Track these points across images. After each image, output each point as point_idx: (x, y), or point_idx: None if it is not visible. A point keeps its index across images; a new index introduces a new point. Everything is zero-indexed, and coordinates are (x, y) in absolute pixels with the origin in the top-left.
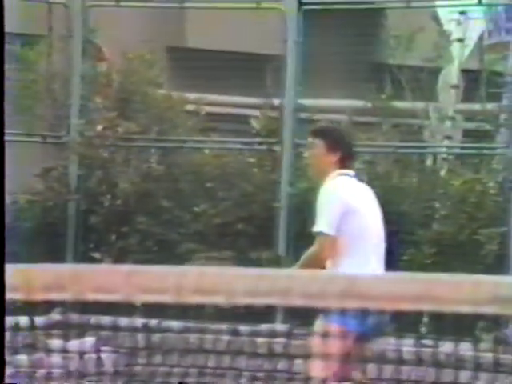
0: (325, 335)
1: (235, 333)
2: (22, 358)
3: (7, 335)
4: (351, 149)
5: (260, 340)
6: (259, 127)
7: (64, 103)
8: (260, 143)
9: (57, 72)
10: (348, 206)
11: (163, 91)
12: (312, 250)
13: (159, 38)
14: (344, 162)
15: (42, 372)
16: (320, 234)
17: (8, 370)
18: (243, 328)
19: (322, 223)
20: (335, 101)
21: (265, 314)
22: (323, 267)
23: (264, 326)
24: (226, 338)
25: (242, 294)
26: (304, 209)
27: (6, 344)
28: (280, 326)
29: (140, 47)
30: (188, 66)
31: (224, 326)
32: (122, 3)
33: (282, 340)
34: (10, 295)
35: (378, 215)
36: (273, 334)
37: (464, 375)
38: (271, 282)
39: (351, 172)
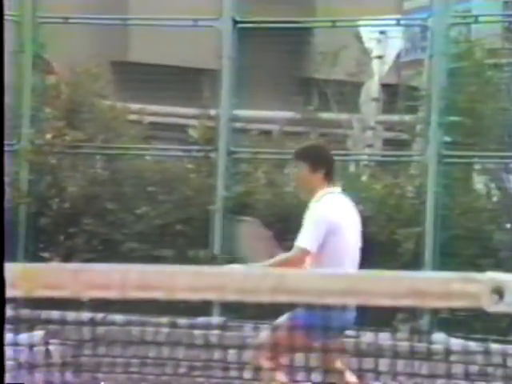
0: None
1: (174, 325)
2: None
3: None
4: (333, 164)
5: (197, 332)
6: (197, 136)
7: (15, 113)
8: (197, 150)
9: (9, 84)
10: (332, 225)
11: (108, 102)
12: (288, 256)
13: (104, 53)
14: (328, 178)
15: None
16: (302, 249)
17: None
18: (181, 321)
19: (306, 239)
20: (267, 112)
21: (202, 308)
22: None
23: (201, 319)
24: (165, 330)
25: (181, 290)
26: (238, 211)
27: None
28: (216, 319)
29: (86, 61)
30: (131, 78)
31: (164, 320)
32: (70, 20)
33: (217, 332)
34: None
35: (358, 230)
36: (209, 327)
37: (383, 362)
38: (208, 278)
39: (337, 189)
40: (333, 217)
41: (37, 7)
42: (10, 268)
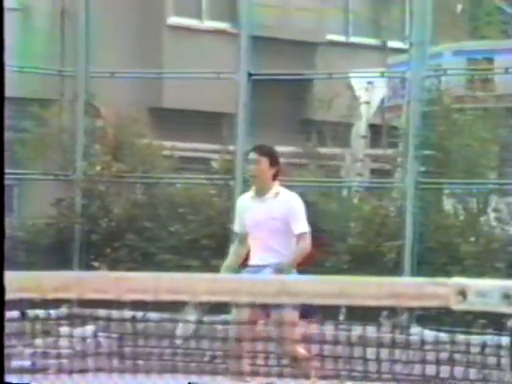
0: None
1: (200, 322)
2: (39, 341)
3: (28, 325)
4: (281, 165)
5: (218, 327)
6: (218, 167)
7: (71, 150)
8: (219, 179)
9: (65, 126)
10: None
11: (146, 141)
12: (305, 243)
13: (143, 101)
14: (278, 176)
15: (53, 352)
16: (305, 233)
17: (28, 351)
18: (205, 319)
19: (305, 224)
20: (277, 147)
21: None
22: (310, 258)
23: (221, 317)
24: (192, 325)
25: (202, 293)
26: None
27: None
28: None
29: (128, 108)
30: (164, 121)
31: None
32: (116, 74)
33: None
34: (29, 295)
35: None
36: (226, 323)
37: (370, 351)
38: (223, 283)
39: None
40: None
41: (88, 64)
42: (65, 275)
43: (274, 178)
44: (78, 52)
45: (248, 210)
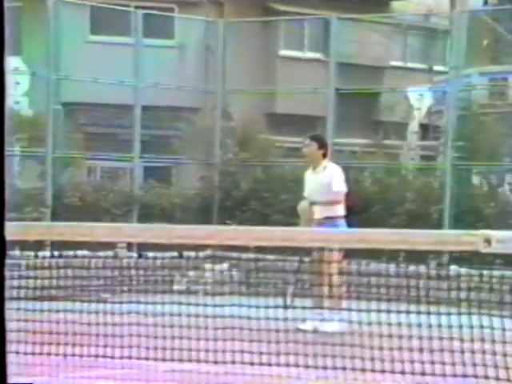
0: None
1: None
2: (192, 273)
3: (184, 262)
4: (327, 147)
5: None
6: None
7: (211, 143)
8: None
9: (208, 127)
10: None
11: (263, 136)
12: (333, 196)
13: (261, 108)
14: (326, 155)
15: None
16: (340, 191)
17: (184, 279)
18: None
19: (343, 185)
20: (354, 140)
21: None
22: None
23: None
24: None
25: (305, 241)
26: None
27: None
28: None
29: (251, 113)
30: (277, 122)
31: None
32: (244, 90)
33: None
34: (183, 241)
35: None
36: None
37: (422, 282)
38: (293, 234)
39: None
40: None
41: (224, 83)
42: (209, 228)
43: (324, 156)
44: (216, 75)
45: (307, 180)
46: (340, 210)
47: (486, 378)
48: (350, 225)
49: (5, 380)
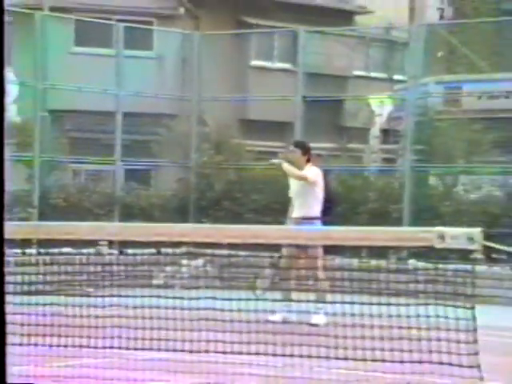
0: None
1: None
2: (169, 268)
3: (162, 258)
4: (311, 153)
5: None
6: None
7: (188, 147)
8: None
9: (185, 132)
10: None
11: (236, 140)
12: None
13: (234, 115)
14: (309, 160)
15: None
16: (309, 176)
17: (162, 274)
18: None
19: (312, 176)
20: (319, 144)
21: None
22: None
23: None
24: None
25: (273, 238)
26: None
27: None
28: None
29: (225, 119)
30: (248, 128)
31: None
32: (218, 98)
33: None
34: (161, 238)
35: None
36: None
37: (382, 275)
38: (283, 232)
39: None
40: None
41: (200, 91)
42: (184, 226)
43: (307, 161)
44: (192, 83)
45: (291, 183)
46: (317, 211)
47: (441, 363)
48: (325, 225)
49: (4, 379)
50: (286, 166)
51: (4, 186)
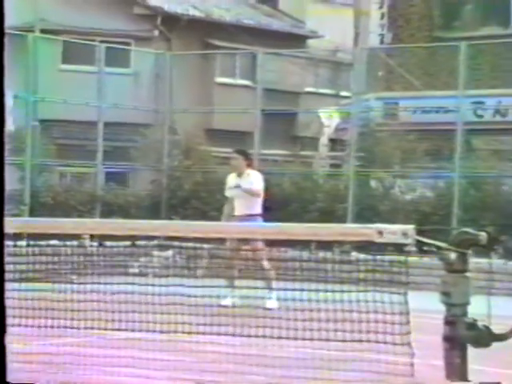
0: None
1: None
2: (143, 259)
3: (137, 249)
4: (251, 159)
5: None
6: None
7: (160, 152)
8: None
9: (158, 139)
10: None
11: (203, 147)
12: (254, 190)
13: (201, 124)
14: (249, 165)
15: (150, 265)
16: (259, 189)
17: (136, 264)
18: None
19: (260, 186)
20: (276, 151)
21: None
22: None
23: None
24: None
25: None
26: None
27: None
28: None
29: (193, 128)
30: (213, 136)
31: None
32: (187, 110)
33: None
34: (136, 232)
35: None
36: None
37: (329, 266)
38: (231, 228)
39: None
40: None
41: (171, 104)
42: (156, 222)
43: (248, 166)
44: (165, 97)
45: (231, 183)
46: (258, 209)
47: (377, 342)
48: (266, 221)
49: (5, 378)
50: (245, 189)
51: (4, 185)
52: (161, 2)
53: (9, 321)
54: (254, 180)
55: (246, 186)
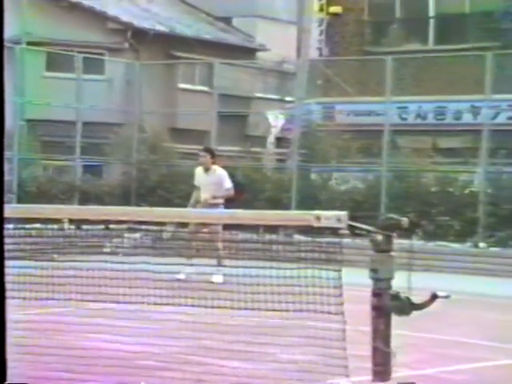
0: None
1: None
2: (115, 240)
3: (108, 232)
4: (216, 156)
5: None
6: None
7: (130, 148)
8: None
9: (128, 137)
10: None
11: (167, 144)
12: (227, 193)
13: (166, 124)
14: (215, 162)
15: (121, 245)
16: (230, 188)
17: (109, 244)
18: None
19: (229, 183)
20: (230, 147)
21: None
22: (234, 200)
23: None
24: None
25: (190, 218)
26: None
27: None
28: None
29: (159, 127)
30: (177, 134)
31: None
32: (154, 111)
33: None
34: (108, 218)
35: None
36: None
37: (275, 247)
38: (190, 213)
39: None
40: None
41: (140, 105)
42: (126, 208)
43: (213, 163)
44: (135, 100)
45: (200, 177)
46: (220, 198)
47: (315, 311)
48: (226, 208)
49: (5, 379)
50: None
51: (4, 177)
52: (131, 18)
53: None
54: (222, 177)
55: (214, 183)
